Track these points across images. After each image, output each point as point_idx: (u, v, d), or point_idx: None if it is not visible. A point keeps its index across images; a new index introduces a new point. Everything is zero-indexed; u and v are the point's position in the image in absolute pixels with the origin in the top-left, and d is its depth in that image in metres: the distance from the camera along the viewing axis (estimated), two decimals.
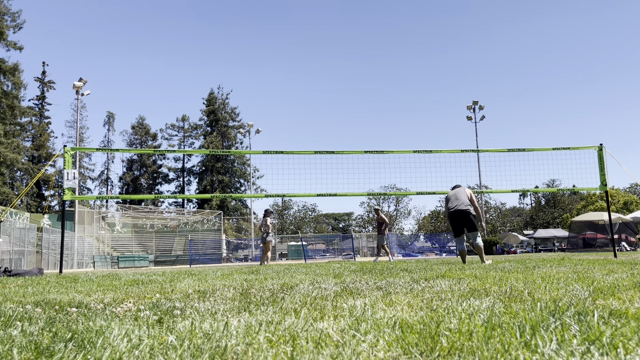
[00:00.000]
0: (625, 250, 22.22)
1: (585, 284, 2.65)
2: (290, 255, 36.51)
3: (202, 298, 2.63)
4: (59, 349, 1.25)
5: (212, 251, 32.72)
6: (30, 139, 53.02)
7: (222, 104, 60.85)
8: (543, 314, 1.53)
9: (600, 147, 10.07)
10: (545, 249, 36.25)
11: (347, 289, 2.81)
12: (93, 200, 35.12)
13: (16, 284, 5.02)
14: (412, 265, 6.69)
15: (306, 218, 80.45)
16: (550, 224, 62.15)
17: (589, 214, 31.51)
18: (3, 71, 41.44)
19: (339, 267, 6.77)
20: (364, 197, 69.48)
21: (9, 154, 40.29)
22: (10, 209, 18.95)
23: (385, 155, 10.08)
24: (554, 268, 4.64)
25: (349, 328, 1.40)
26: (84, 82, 29.55)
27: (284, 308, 2.00)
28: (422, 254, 29.93)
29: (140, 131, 60.31)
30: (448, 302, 1.96)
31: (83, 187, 56.60)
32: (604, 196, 27.52)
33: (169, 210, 45.09)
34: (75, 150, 9.48)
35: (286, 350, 1.15)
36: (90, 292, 3.50)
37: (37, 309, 2.28)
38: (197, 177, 60.26)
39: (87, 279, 5.74)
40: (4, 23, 41.09)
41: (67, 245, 25.76)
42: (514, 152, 10.07)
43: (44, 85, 55.72)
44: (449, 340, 1.19)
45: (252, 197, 34.01)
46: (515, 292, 2.29)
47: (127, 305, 2.30)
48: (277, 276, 4.80)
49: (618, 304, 1.79)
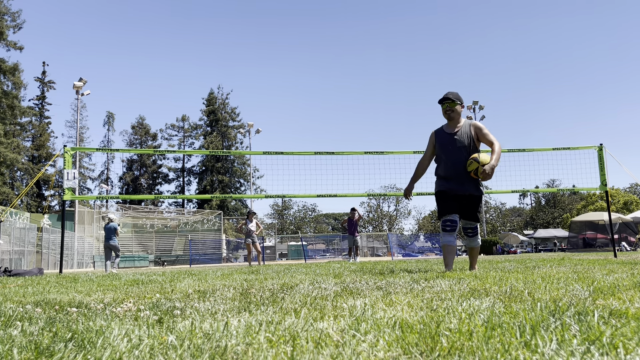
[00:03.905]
0: (625, 250, 22.22)
1: (585, 284, 2.65)
2: (290, 255, 36.51)
3: (202, 298, 2.63)
4: (59, 349, 1.25)
5: (212, 251, 32.72)
6: (30, 139, 53.02)
7: (222, 104, 60.86)
8: (543, 314, 1.53)
9: (600, 147, 10.07)
10: (545, 249, 36.26)
11: (347, 289, 2.81)
12: (93, 200, 35.11)
13: (16, 284, 5.02)
14: (412, 265, 6.69)
15: (306, 218, 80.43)
16: (550, 224, 62.16)
17: (589, 214, 31.53)
18: (3, 71, 41.43)
19: (339, 267, 6.77)
20: (364, 197, 69.49)
21: (9, 154, 40.28)
22: (10, 209, 18.95)
23: (385, 155, 10.08)
24: (554, 268, 4.65)
25: (349, 328, 1.40)
26: (84, 82, 29.54)
27: (284, 308, 2.00)
28: (422, 254, 29.91)
29: (140, 131, 60.31)
30: (448, 302, 1.96)
31: (83, 187, 56.60)
32: (604, 196, 27.51)
33: (169, 210, 45.08)
34: (75, 150, 9.48)
35: (286, 350, 1.15)
36: (90, 292, 3.50)
37: (37, 309, 2.28)
38: (197, 177, 60.28)
39: (87, 278, 5.74)
40: (4, 23, 41.09)
41: (67, 245, 25.75)
42: (514, 152, 10.07)
43: (44, 85, 55.73)
44: (449, 340, 1.19)
45: (252, 197, 34.01)
46: (515, 292, 2.29)
47: (127, 305, 2.30)
48: (277, 276, 4.80)
49: (618, 304, 1.79)
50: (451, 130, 4.82)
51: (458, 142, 4.73)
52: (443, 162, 4.80)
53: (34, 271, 9.37)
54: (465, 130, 4.77)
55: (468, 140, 4.73)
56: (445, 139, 4.81)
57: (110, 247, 12.91)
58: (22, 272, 9.18)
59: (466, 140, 4.72)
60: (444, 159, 4.78)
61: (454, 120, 4.84)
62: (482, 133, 4.75)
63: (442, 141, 4.83)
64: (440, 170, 4.84)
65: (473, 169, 4.57)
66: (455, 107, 4.82)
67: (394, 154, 10.04)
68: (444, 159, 4.79)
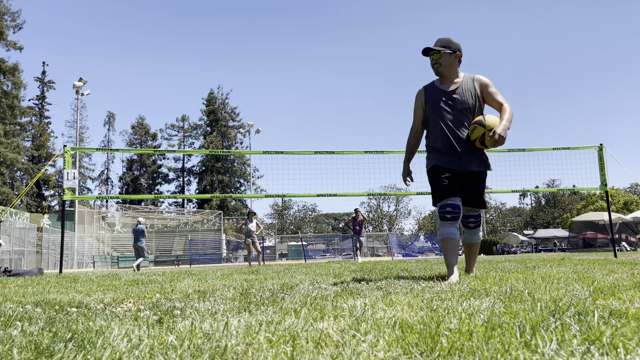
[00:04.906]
0: (626, 250, 22.22)
1: (585, 284, 2.65)
2: (290, 255, 36.53)
3: (202, 298, 2.63)
4: (59, 349, 1.25)
5: (212, 251, 32.72)
6: (30, 139, 53.02)
7: (222, 104, 60.86)
8: (543, 314, 1.53)
9: (600, 147, 10.07)
10: (545, 249, 36.26)
11: (347, 289, 2.81)
12: (93, 200, 35.12)
13: (16, 284, 5.02)
14: (412, 265, 6.69)
15: (306, 218, 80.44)
16: (550, 224, 62.18)
17: (589, 214, 31.54)
18: (3, 71, 41.44)
19: (339, 267, 6.77)
20: (364, 197, 69.49)
21: (9, 154, 40.29)
22: (10, 209, 18.95)
23: (385, 155, 10.07)
24: (554, 268, 4.64)
25: (349, 328, 1.40)
26: (84, 82, 29.55)
27: (284, 308, 2.00)
28: (422, 254, 29.92)
29: (140, 131, 60.30)
30: (448, 302, 1.96)
31: (83, 187, 56.60)
32: (604, 196, 27.52)
33: (169, 210, 45.11)
34: (75, 150, 9.48)
35: (286, 350, 1.15)
36: (90, 292, 3.50)
37: (37, 309, 2.28)
38: (197, 177, 60.30)
39: (87, 279, 5.74)
40: (4, 23, 41.09)
41: (67, 245, 25.75)
42: (514, 152, 10.06)
43: (44, 85, 55.72)
44: (449, 340, 1.18)
45: (252, 197, 34.03)
46: (515, 292, 2.29)
47: (127, 305, 2.30)
48: (277, 276, 4.80)
49: (618, 304, 1.79)
50: (447, 87, 3.65)
51: (458, 102, 3.59)
52: (437, 130, 3.62)
53: (33, 271, 9.37)
54: (467, 87, 3.63)
55: (472, 100, 3.61)
56: (440, 98, 3.63)
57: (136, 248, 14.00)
58: (22, 272, 9.17)
59: (470, 100, 3.60)
60: (439, 126, 3.61)
61: (446, 76, 3.67)
62: (490, 91, 3.64)
63: (435, 101, 3.65)
64: (433, 140, 3.66)
65: (478, 136, 3.49)
66: (443, 58, 3.61)
67: (394, 154, 10.04)
68: (438, 126, 3.61)
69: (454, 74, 3.67)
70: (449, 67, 3.63)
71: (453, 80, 3.66)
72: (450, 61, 3.62)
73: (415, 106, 3.80)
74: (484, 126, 3.47)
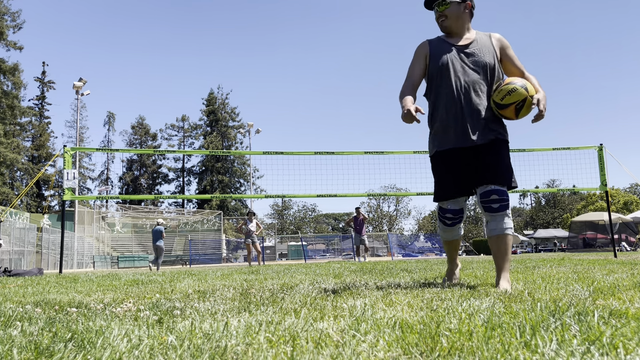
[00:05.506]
0: (626, 250, 22.22)
1: (585, 284, 2.65)
2: (290, 256, 36.51)
3: (202, 298, 2.63)
4: (59, 349, 1.25)
5: (212, 251, 32.72)
6: (30, 139, 53.02)
7: (222, 104, 60.87)
8: (543, 314, 1.53)
9: (600, 147, 10.07)
10: (545, 249, 36.27)
11: (347, 289, 2.81)
12: (93, 200, 35.11)
13: (16, 284, 5.01)
14: (412, 265, 6.69)
15: (306, 218, 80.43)
16: (550, 224, 62.16)
17: (589, 214, 31.54)
18: (3, 71, 41.44)
19: (339, 267, 6.77)
20: (364, 197, 69.51)
21: (9, 154, 40.29)
22: (10, 209, 18.94)
23: (385, 155, 10.08)
24: (554, 268, 4.64)
25: (349, 328, 1.40)
26: (84, 82, 29.55)
27: (284, 308, 2.00)
28: (422, 254, 29.92)
29: (140, 131, 60.31)
30: (448, 302, 1.96)
31: (83, 187, 56.60)
32: (604, 196, 27.53)
33: (169, 210, 45.08)
34: (75, 150, 9.48)
35: (286, 350, 1.15)
36: (90, 292, 3.50)
37: (37, 309, 2.28)
38: (197, 177, 60.28)
39: (87, 279, 5.74)
40: (4, 23, 41.09)
41: (67, 245, 25.75)
42: (514, 152, 10.06)
43: (44, 85, 55.72)
44: (449, 340, 1.18)
45: (252, 197, 34.02)
46: (515, 292, 2.29)
47: (127, 306, 2.30)
48: (277, 276, 4.80)
49: (618, 304, 1.79)
50: (458, 42, 2.90)
51: (473, 59, 2.82)
52: (443, 94, 2.85)
53: (33, 271, 9.36)
54: (484, 43, 2.88)
55: (491, 58, 2.84)
56: (451, 53, 2.86)
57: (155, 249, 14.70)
58: (22, 272, 9.17)
59: (487, 57, 2.83)
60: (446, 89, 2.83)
61: (455, 31, 2.91)
62: (510, 54, 2.91)
63: (443, 55, 2.86)
64: (440, 110, 2.87)
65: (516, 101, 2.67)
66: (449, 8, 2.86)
67: (393, 154, 10.04)
68: (445, 89, 2.83)
69: (464, 29, 2.91)
70: (457, 19, 2.88)
71: (463, 36, 2.90)
72: (458, 12, 2.87)
73: (414, 60, 2.95)
74: (527, 90, 2.69)
